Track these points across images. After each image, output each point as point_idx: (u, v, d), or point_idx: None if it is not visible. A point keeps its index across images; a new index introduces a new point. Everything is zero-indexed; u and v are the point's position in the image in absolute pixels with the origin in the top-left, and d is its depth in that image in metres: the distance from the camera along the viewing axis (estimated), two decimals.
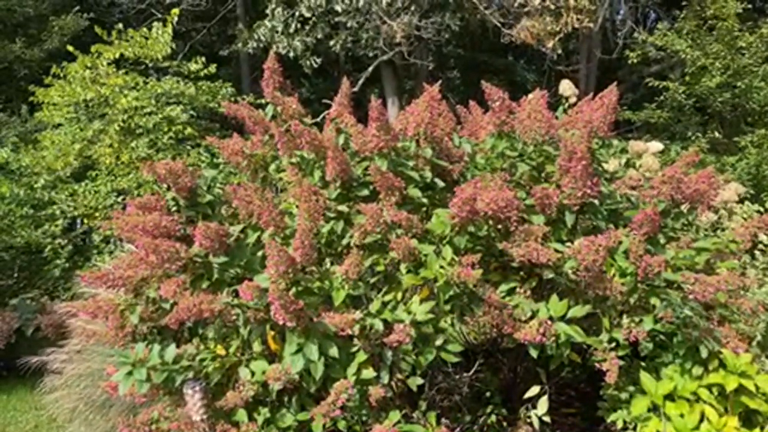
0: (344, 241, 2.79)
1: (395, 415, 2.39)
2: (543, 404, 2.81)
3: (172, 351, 2.38)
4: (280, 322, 2.24)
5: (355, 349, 2.44)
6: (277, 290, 2.18)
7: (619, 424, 2.73)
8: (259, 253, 2.67)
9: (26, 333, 5.05)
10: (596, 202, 2.86)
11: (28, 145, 7.79)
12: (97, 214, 7.37)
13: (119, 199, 7.18)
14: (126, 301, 2.60)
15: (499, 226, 2.79)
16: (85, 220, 7.37)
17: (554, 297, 2.63)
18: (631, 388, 2.75)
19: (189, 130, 7.41)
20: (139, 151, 7.10)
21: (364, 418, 2.46)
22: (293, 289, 2.38)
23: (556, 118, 3.27)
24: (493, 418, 2.95)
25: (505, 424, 3.08)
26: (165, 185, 2.74)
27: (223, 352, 2.57)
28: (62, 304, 4.52)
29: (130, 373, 2.30)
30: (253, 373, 2.41)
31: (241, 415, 2.39)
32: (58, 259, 7.05)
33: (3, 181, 7.26)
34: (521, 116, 3.02)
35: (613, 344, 2.67)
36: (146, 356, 2.35)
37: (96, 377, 3.23)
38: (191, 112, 7.59)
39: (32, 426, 4.04)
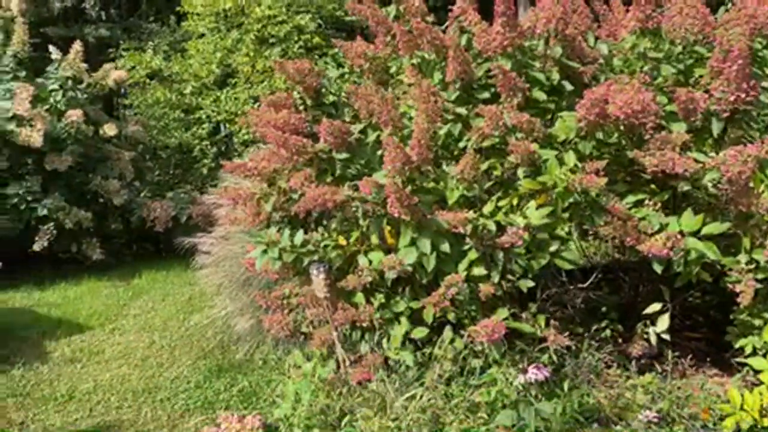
0: (461, 144, 2.78)
1: (503, 312, 2.45)
2: (663, 321, 2.70)
3: (300, 236, 2.62)
4: (396, 215, 2.35)
5: (466, 247, 2.50)
6: (393, 185, 2.27)
7: (748, 350, 2.56)
8: (378, 153, 2.76)
9: (180, 220, 5.80)
10: (752, 109, 2.52)
11: (177, 53, 8.49)
12: (236, 120, 8.00)
13: (255, 106, 7.68)
14: (261, 191, 2.87)
15: (632, 133, 2.60)
16: (227, 125, 8.04)
17: (688, 211, 2.43)
18: (767, 315, 2.53)
19: (317, 39, 7.57)
20: (272, 60, 7.46)
21: (473, 314, 2.56)
22: (409, 187, 2.46)
23: (715, 18, 2.86)
24: (608, 332, 2.91)
25: (620, 340, 3.03)
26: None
27: (344, 242, 2.77)
28: (210, 196, 5.09)
29: (265, 252, 2.59)
30: (370, 262, 2.59)
31: (360, 297, 2.61)
32: (206, 159, 7.85)
33: (158, 87, 8.08)
34: (671, 12, 2.68)
35: (753, 265, 2.45)
36: (278, 239, 2.61)
37: (238, 258, 3.66)
38: (319, 21, 7.71)
39: (187, 298, 4.76)
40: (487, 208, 2.54)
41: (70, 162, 5.33)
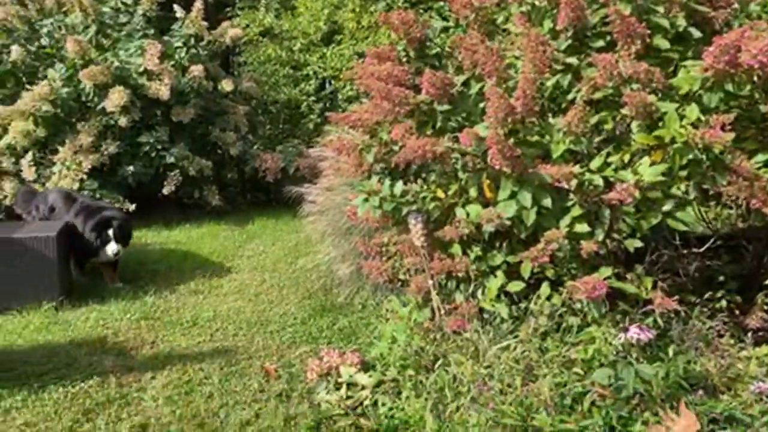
0: (569, 96, 2.66)
1: (606, 271, 2.38)
2: None
3: (399, 186, 2.69)
4: (496, 167, 2.33)
5: (570, 203, 2.43)
6: (495, 135, 2.24)
7: None
8: (481, 105, 2.72)
9: (289, 171, 6.13)
10: None
11: (287, 11, 8.76)
12: (341, 76, 8.17)
13: (360, 62, 7.77)
14: (364, 142, 2.95)
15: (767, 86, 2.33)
16: (332, 81, 8.24)
17: None
18: None
19: None
20: (377, 15, 7.46)
21: (572, 271, 2.50)
22: (511, 139, 2.41)
23: None
24: (723, 302, 2.72)
25: (737, 312, 2.82)
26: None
27: (442, 195, 2.80)
28: (315, 150, 5.31)
29: (366, 200, 2.70)
30: (468, 214, 2.60)
31: (456, 248, 2.65)
32: (312, 115, 8.16)
33: (269, 44, 8.43)
34: None
35: None
36: (379, 189, 2.70)
37: (340, 208, 3.83)
38: None
39: (294, 243, 5.08)
40: (595, 163, 2.43)
41: (193, 114, 5.78)
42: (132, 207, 5.24)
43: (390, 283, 3.06)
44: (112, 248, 3.82)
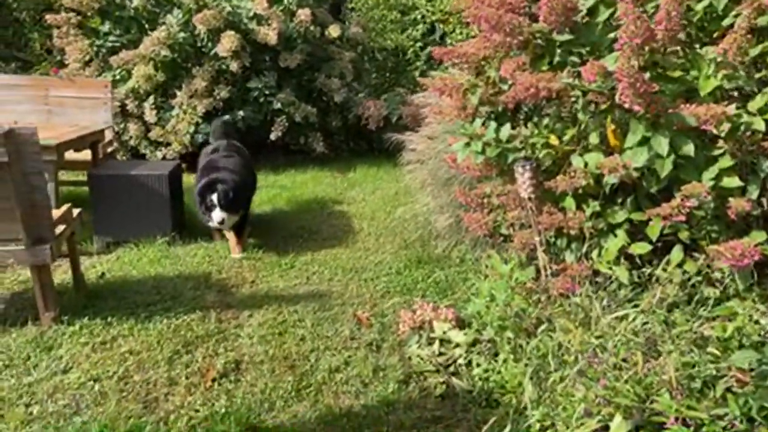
0: (725, 22, 2.17)
1: (759, 235, 1.96)
2: None
3: (506, 130, 2.40)
4: (626, 106, 1.96)
5: (717, 152, 2.01)
6: (627, 66, 1.87)
7: None
8: (610, 35, 2.31)
9: (391, 120, 5.96)
10: None
11: None
12: (450, 19, 7.72)
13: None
14: (468, 82, 2.68)
15: None
16: (441, 25, 7.83)
17: None
18: None
19: None
20: None
21: (713, 234, 2.10)
22: (647, 73, 2.02)
23: None
24: None
25: None
26: None
27: (555, 142, 2.47)
28: (419, 96, 5.07)
29: (467, 145, 2.45)
30: (586, 164, 2.27)
31: (569, 202, 2.34)
32: (418, 62, 7.85)
33: None
34: None
35: None
36: (482, 133, 2.44)
37: (441, 157, 3.61)
38: None
39: (393, 192, 4.95)
40: (756, 104, 1.97)
41: (299, 60, 5.75)
42: None
43: (490, 237, 2.82)
44: (216, 216, 3.33)
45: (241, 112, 5.57)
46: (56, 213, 2.72)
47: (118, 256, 3.46)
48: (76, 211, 2.91)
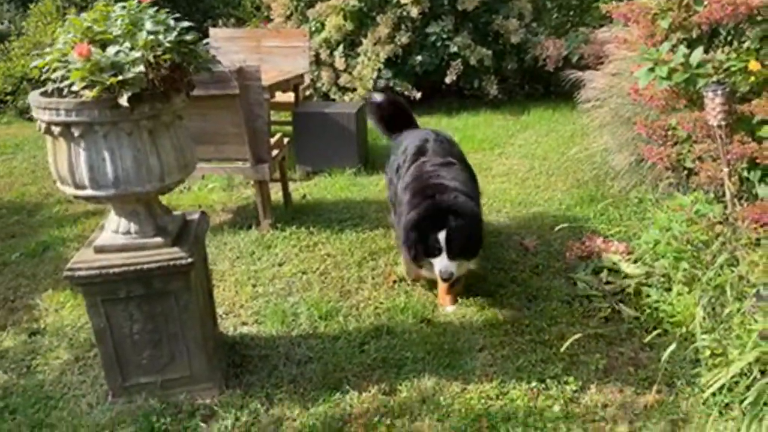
0: None
1: None
2: None
3: (698, 53, 2.27)
4: None
5: None
6: None
7: None
8: None
9: (571, 60, 5.71)
10: None
11: None
12: None
13: None
14: (658, 5, 2.55)
15: None
16: None
17: None
18: None
19: None
20: None
21: None
22: None
23: None
24: None
25: None
26: None
27: (756, 66, 2.26)
28: (603, 32, 4.80)
29: (651, 70, 2.37)
30: None
31: (767, 130, 2.16)
32: None
33: None
34: None
35: None
36: (669, 58, 2.33)
37: (623, 94, 3.46)
38: None
39: (568, 134, 4.84)
40: None
41: (477, 2, 5.77)
42: (418, 95, 5.69)
43: (672, 171, 2.71)
44: (441, 265, 2.17)
45: (419, 57, 5.82)
46: (272, 140, 3.29)
47: (316, 183, 4.02)
48: (285, 140, 3.47)
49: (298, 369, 2.09)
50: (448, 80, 5.86)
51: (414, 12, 5.61)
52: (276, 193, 3.62)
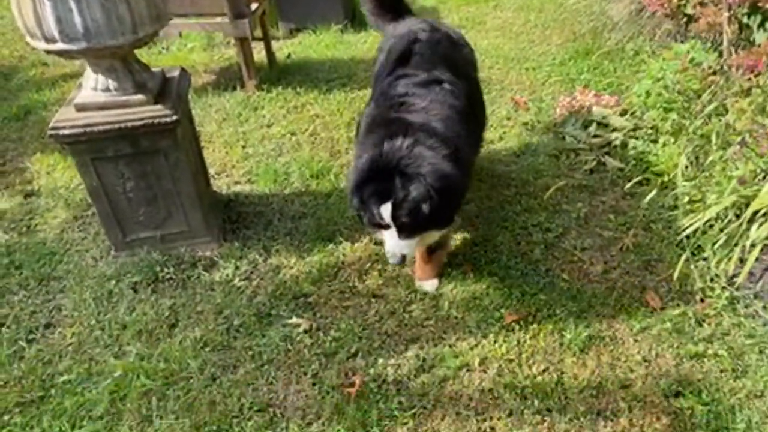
0: None
1: None
2: None
3: None
4: None
5: None
6: None
7: None
8: None
9: None
10: None
11: None
12: None
13: None
14: None
15: None
16: None
17: None
18: None
19: None
20: None
21: None
22: None
23: None
24: None
25: None
26: None
27: None
28: None
29: None
30: None
31: None
32: None
33: None
34: None
35: None
36: None
37: None
38: None
39: None
40: None
41: None
42: None
43: (672, 18, 2.60)
44: (389, 245, 1.60)
45: None
46: None
47: (300, 40, 3.83)
48: None
49: (293, 223, 2.17)
50: None
51: None
52: (259, 52, 3.46)
